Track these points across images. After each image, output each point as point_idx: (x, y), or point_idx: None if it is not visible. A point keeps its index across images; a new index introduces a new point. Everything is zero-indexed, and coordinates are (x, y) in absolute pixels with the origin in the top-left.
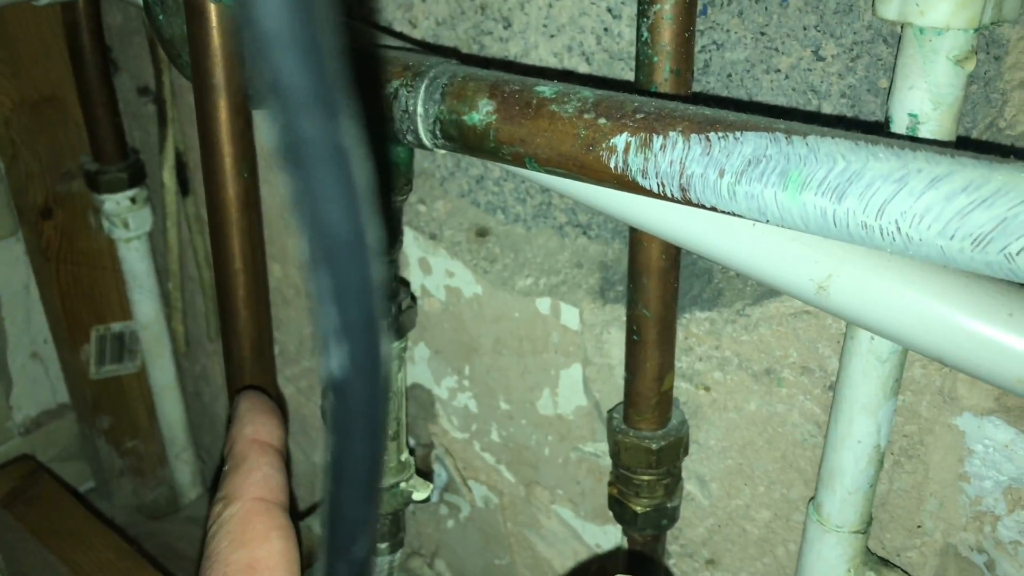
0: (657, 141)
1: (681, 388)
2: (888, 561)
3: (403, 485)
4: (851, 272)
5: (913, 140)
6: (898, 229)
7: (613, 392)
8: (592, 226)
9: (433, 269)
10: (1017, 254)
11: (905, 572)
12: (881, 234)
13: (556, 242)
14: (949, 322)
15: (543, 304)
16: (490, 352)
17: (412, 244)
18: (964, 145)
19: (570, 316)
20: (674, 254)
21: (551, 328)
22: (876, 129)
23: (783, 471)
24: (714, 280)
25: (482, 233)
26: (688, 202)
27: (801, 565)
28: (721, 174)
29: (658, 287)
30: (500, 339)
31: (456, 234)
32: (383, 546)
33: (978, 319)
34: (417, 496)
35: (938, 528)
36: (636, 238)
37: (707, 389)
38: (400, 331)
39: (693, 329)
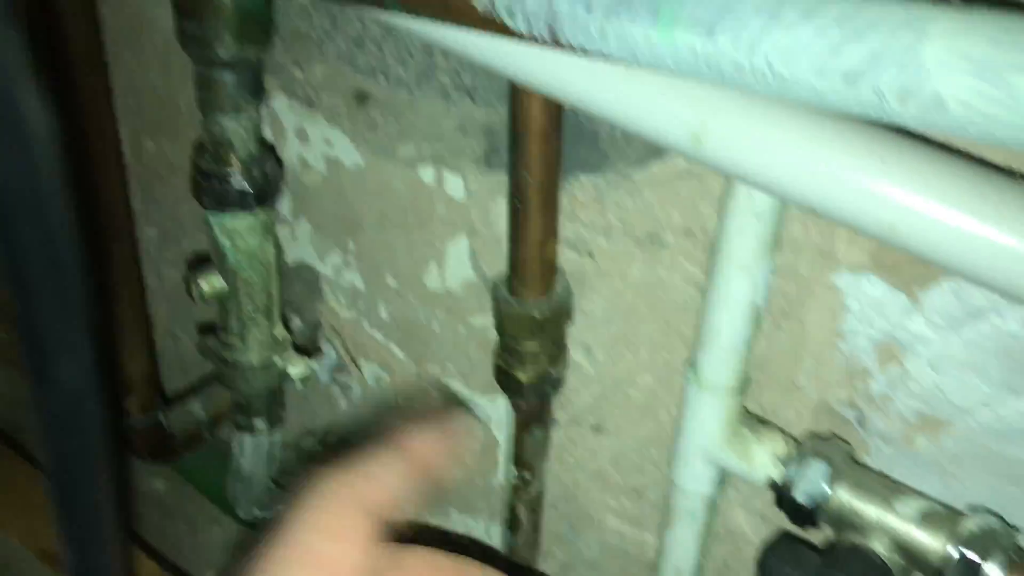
0: None
1: (566, 256)
2: (765, 419)
3: (278, 361)
4: (727, 120)
5: None
6: (768, 67)
7: (500, 264)
8: (478, 89)
9: (311, 139)
10: (888, 90)
11: (781, 429)
12: (752, 73)
13: (440, 107)
14: (822, 170)
15: (426, 173)
16: (374, 226)
17: (288, 112)
18: None
19: (455, 185)
20: (555, 113)
21: (436, 199)
22: None
23: (665, 336)
24: (600, 143)
25: (362, 98)
26: (558, 44)
27: (680, 426)
28: (589, 9)
29: (539, 149)
30: (384, 212)
31: (335, 100)
32: (260, 424)
33: (852, 166)
34: (292, 371)
35: (813, 386)
36: (515, 95)
37: (591, 256)
38: (264, 197)
39: (578, 195)
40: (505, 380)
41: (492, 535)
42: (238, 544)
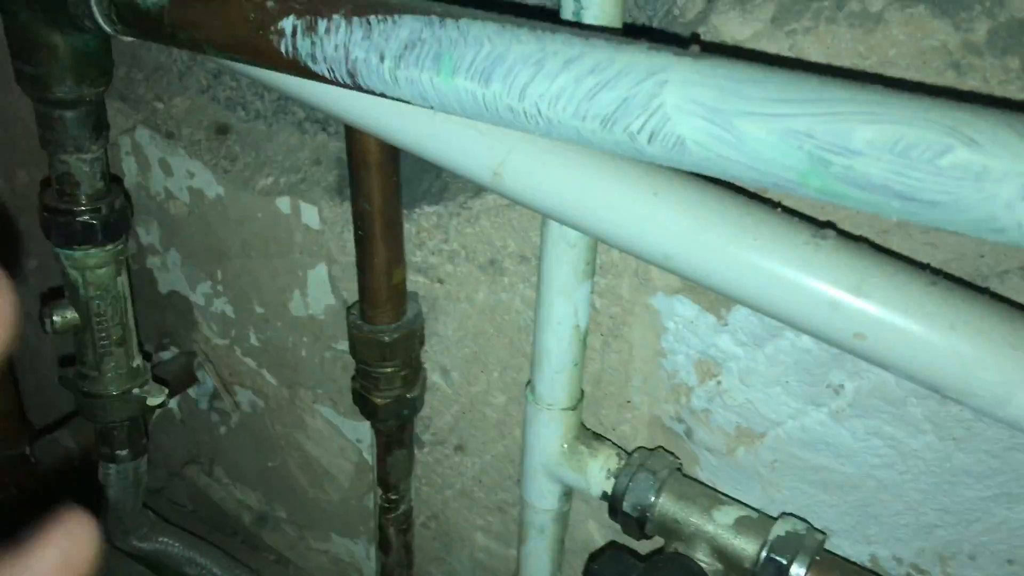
0: (322, 24)
1: (418, 282)
2: (600, 435)
3: (136, 391)
4: (521, 158)
5: (577, 26)
6: (539, 112)
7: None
8: (330, 122)
9: (174, 170)
10: (638, 132)
11: (615, 444)
12: (525, 117)
13: (296, 139)
14: (601, 201)
15: (283, 203)
16: (239, 255)
17: (150, 144)
18: (640, 33)
19: (310, 215)
20: (390, 146)
21: (294, 228)
22: (552, 16)
23: (512, 356)
24: (441, 174)
25: (222, 131)
26: (359, 88)
27: (524, 443)
28: (381, 58)
29: (377, 180)
30: (247, 241)
31: (195, 132)
32: (123, 453)
33: (625, 197)
34: (152, 401)
35: (644, 402)
36: (350, 130)
37: (441, 282)
38: (112, 232)
39: (423, 223)
40: (363, 404)
41: (372, 557)
42: None
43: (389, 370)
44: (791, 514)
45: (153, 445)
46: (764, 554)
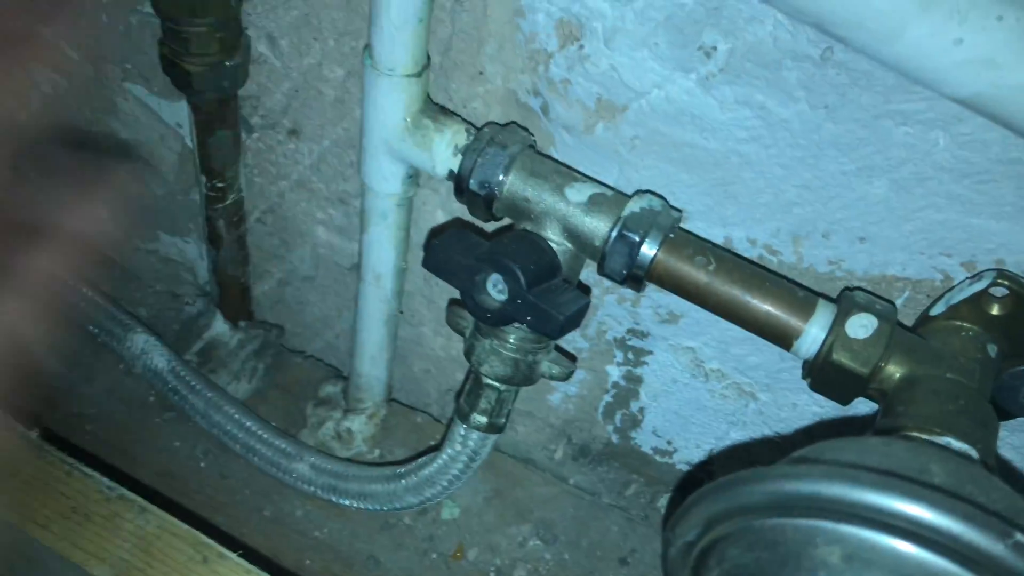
0: None
1: None
2: (448, 110)
3: None
4: None
5: None
6: None
7: None
8: None
9: None
10: None
11: (464, 119)
12: None
13: None
14: None
15: None
16: None
17: None
18: None
19: None
20: None
21: None
22: None
23: (349, 19)
24: None
25: None
26: None
27: (363, 116)
28: None
29: None
30: None
31: None
32: None
33: None
34: None
35: (498, 73)
36: None
37: None
38: None
39: None
40: (174, 73)
41: (204, 255)
42: None
43: (202, 29)
44: (648, 191)
45: None
46: (616, 232)
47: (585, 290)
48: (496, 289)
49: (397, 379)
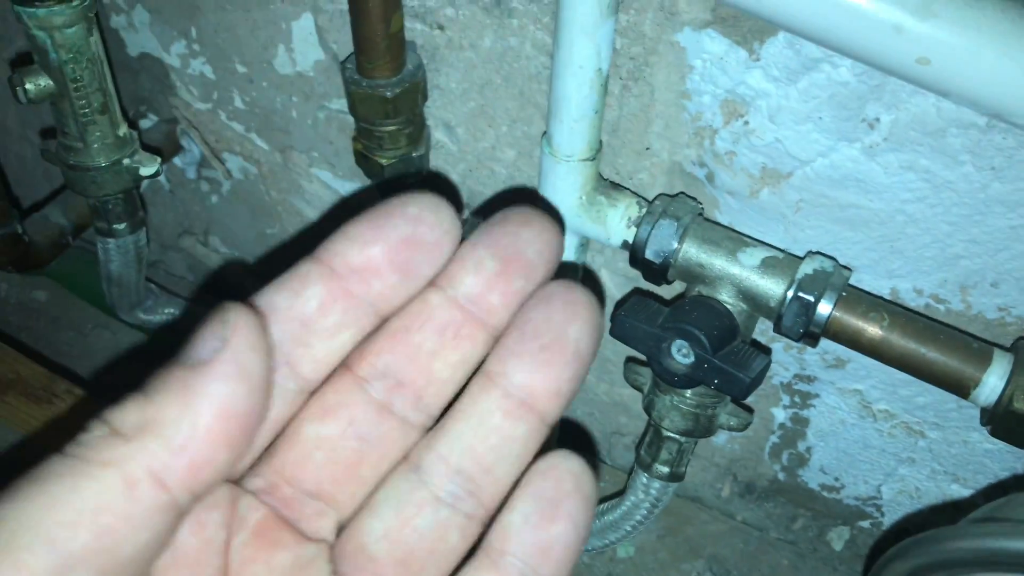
0: None
1: (416, 30)
2: (619, 184)
3: (127, 161)
4: None
5: None
6: None
7: (351, 41)
8: None
9: None
10: None
11: (634, 192)
12: None
13: None
14: None
15: None
16: (213, 8)
17: None
18: None
19: None
20: None
21: None
22: None
23: (522, 108)
24: None
25: None
26: None
27: (541, 195)
28: None
29: None
30: None
31: None
32: (120, 227)
33: None
34: (145, 171)
35: (664, 148)
36: None
37: (441, 28)
38: None
39: None
40: (367, 165)
41: None
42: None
43: (393, 128)
44: (819, 252)
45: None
46: (791, 293)
47: (765, 349)
48: (681, 354)
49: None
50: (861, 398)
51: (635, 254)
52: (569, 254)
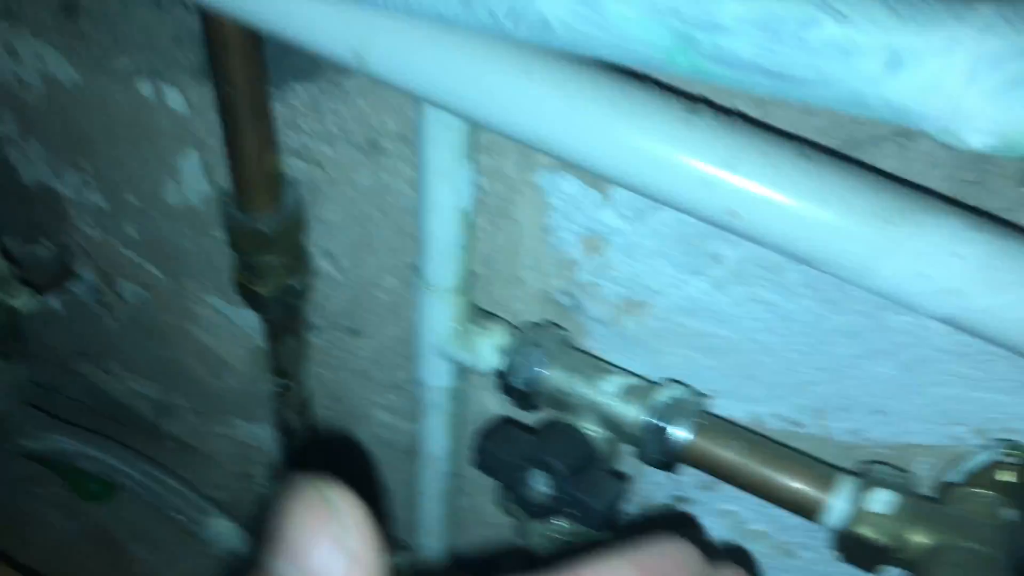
0: None
1: (297, 166)
2: (491, 313)
3: (1, 295)
4: (386, 38)
5: None
6: None
7: None
8: None
9: (22, 55)
10: (499, 12)
11: (507, 321)
12: None
13: (153, 16)
14: (471, 81)
15: (144, 87)
16: (105, 143)
17: None
18: None
19: (175, 98)
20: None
21: (158, 113)
22: None
23: (399, 239)
24: None
25: (70, 9)
26: None
27: (416, 324)
28: None
29: (239, 61)
30: (110, 128)
31: (40, 12)
32: None
33: (495, 76)
34: (18, 304)
35: (534, 279)
36: (203, 8)
37: (320, 165)
38: None
39: (295, 103)
40: (248, 295)
41: (276, 441)
42: None
43: (273, 260)
44: (676, 380)
45: (40, 343)
46: (647, 419)
47: (621, 476)
48: (540, 483)
49: (459, 548)
50: (736, 518)
51: (504, 382)
52: (445, 380)
